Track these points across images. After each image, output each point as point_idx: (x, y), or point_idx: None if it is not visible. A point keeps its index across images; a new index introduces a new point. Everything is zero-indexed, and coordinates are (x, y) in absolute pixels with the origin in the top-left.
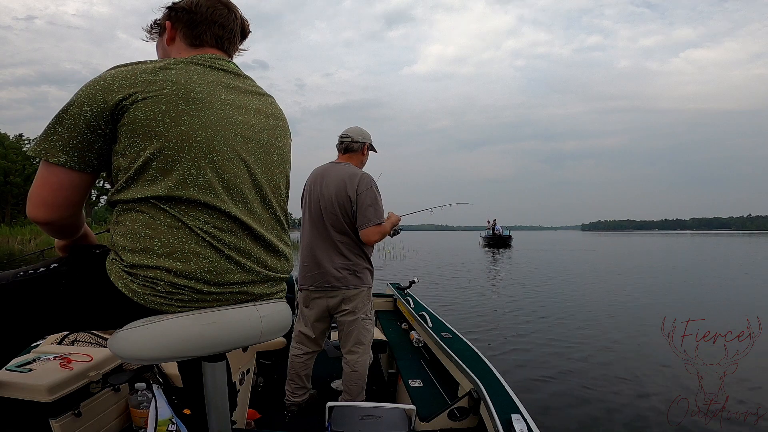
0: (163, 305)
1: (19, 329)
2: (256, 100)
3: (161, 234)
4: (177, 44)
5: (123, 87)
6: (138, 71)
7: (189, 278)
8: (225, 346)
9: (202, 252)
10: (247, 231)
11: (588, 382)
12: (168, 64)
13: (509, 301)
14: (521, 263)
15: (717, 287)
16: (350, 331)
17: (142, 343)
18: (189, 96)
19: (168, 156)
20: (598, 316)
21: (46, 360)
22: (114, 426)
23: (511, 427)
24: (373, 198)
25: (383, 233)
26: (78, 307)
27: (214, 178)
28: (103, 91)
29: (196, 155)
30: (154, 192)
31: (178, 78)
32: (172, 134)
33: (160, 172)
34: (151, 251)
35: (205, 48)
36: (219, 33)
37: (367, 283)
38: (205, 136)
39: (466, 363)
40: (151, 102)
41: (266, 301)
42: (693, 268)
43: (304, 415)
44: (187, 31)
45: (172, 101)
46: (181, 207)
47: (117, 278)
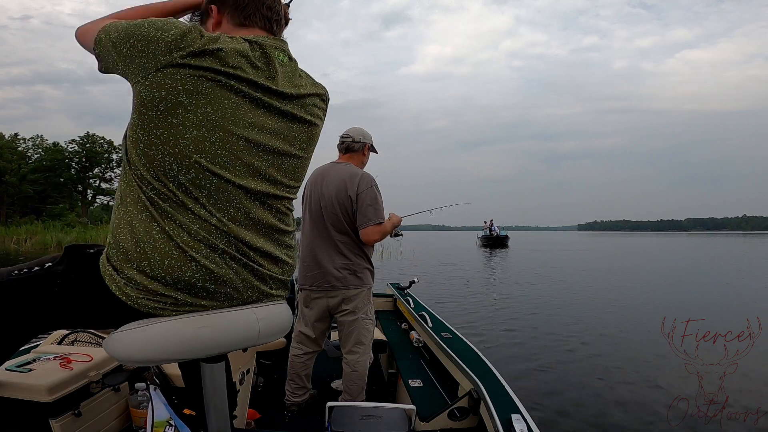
0: (157, 309)
1: (13, 328)
2: (287, 99)
3: (153, 238)
4: (224, 27)
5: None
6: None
7: (181, 284)
8: (221, 349)
9: (195, 257)
10: (239, 237)
11: (588, 382)
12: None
13: (508, 302)
14: (519, 264)
15: (716, 287)
16: (350, 331)
17: (137, 345)
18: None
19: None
20: (598, 317)
21: (46, 360)
22: (114, 426)
23: (511, 427)
24: (373, 197)
25: (383, 233)
26: (73, 307)
27: (205, 182)
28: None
29: (182, 153)
30: (144, 190)
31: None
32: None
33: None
34: (143, 255)
35: (255, 29)
36: (267, 14)
37: (367, 283)
38: (197, 134)
39: (466, 363)
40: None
41: (264, 304)
42: (692, 268)
43: (304, 415)
44: (234, 12)
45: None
46: (175, 211)
47: (111, 281)
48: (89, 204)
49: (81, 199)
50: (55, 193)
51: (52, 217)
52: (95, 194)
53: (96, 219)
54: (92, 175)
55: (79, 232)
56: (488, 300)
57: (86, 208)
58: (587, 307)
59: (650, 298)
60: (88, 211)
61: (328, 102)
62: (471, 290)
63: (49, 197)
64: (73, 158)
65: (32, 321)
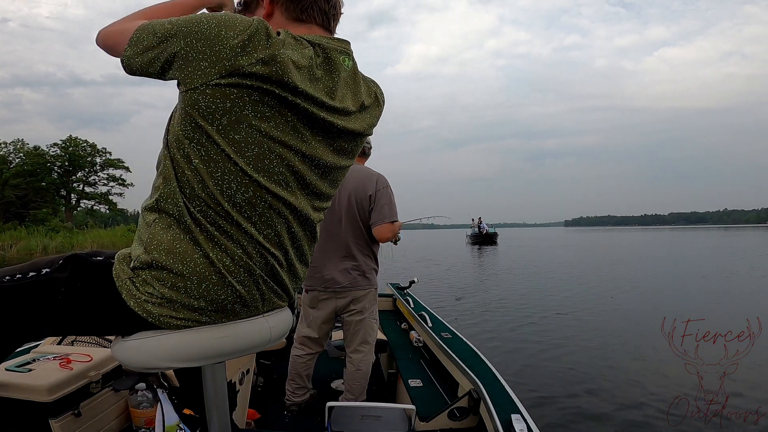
0: (178, 326)
1: (7, 333)
2: (347, 115)
3: (194, 262)
4: (276, 21)
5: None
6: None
7: (212, 306)
8: (233, 355)
9: (233, 283)
10: (276, 257)
11: (588, 382)
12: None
13: (506, 302)
14: (511, 260)
15: (710, 282)
16: (357, 331)
17: (153, 353)
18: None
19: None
20: (598, 317)
21: (45, 360)
22: (114, 426)
23: (511, 427)
24: (390, 196)
25: (395, 232)
26: (78, 315)
27: (260, 201)
28: None
29: (243, 171)
30: (190, 209)
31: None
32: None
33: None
34: (180, 277)
35: (312, 25)
36: (325, 7)
37: (374, 283)
38: (258, 152)
39: (466, 363)
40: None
41: (274, 312)
42: (685, 263)
43: (304, 415)
44: (290, 4)
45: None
46: (222, 234)
47: (129, 296)
48: (73, 208)
49: (65, 203)
50: (37, 197)
51: (35, 222)
52: (79, 198)
53: (80, 223)
54: (76, 179)
55: (64, 237)
56: (486, 299)
57: (70, 212)
58: (587, 307)
59: (649, 298)
60: (72, 216)
61: (384, 103)
62: (466, 290)
63: (32, 202)
64: (56, 162)
65: (29, 326)
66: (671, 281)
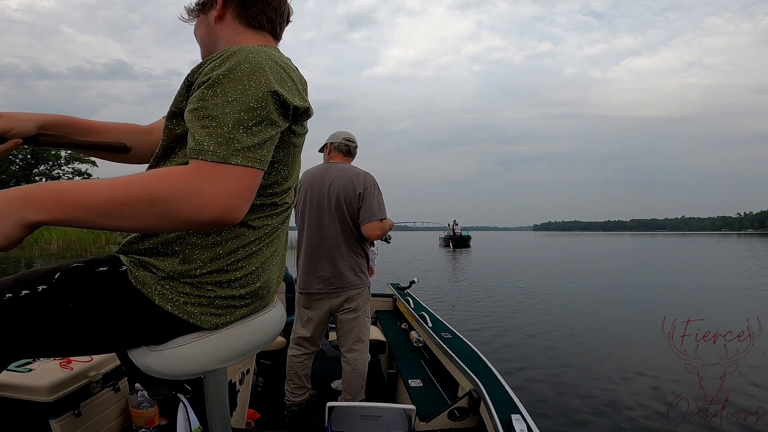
0: (218, 324)
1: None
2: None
3: (242, 252)
4: (228, 23)
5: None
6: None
7: (248, 296)
8: (261, 347)
9: (269, 268)
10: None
11: (588, 382)
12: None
13: (503, 302)
14: (486, 264)
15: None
16: (351, 329)
17: (196, 358)
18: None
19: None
20: (597, 317)
21: (46, 360)
22: (114, 426)
23: (511, 427)
24: (378, 195)
25: (384, 229)
26: (94, 333)
27: (281, 201)
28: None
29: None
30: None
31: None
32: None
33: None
34: (226, 275)
35: (265, 34)
36: (272, 16)
37: (367, 282)
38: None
39: (466, 363)
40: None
41: (275, 302)
42: (667, 267)
43: (304, 415)
44: (241, 9)
45: None
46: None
47: (164, 301)
48: None
49: None
50: None
51: None
52: None
53: None
54: (38, 172)
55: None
56: (479, 299)
57: None
58: (585, 306)
59: (649, 298)
60: None
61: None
62: (458, 291)
63: None
64: (18, 154)
65: (30, 347)
66: (672, 281)
